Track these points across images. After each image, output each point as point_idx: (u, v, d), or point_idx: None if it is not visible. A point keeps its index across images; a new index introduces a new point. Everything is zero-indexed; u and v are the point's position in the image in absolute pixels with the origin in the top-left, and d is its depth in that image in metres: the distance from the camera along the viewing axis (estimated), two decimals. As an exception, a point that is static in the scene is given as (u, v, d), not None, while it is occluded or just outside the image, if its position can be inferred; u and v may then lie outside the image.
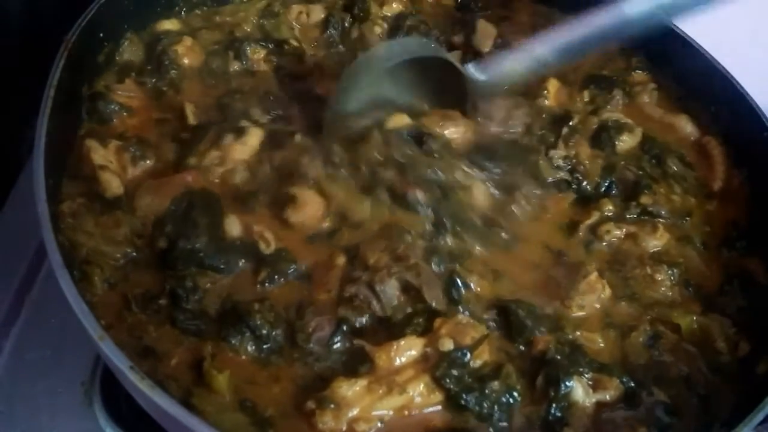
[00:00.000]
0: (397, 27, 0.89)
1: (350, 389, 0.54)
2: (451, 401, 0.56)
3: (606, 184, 0.75)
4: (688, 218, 0.75)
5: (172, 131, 0.73)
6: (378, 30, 0.89)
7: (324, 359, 0.58)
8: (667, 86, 0.88)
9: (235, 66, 0.81)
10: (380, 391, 0.55)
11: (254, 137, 0.71)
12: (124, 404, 0.70)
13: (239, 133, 0.70)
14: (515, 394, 0.57)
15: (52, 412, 0.70)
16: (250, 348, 0.58)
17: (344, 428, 0.53)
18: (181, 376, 0.56)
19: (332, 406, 0.53)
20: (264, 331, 0.58)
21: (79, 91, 0.72)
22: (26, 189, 0.59)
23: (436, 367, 0.56)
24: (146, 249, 0.63)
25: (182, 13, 0.86)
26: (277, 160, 0.69)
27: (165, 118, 0.74)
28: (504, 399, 0.56)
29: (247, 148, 0.70)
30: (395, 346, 0.57)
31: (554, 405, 0.57)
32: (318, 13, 0.90)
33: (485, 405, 0.56)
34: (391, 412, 0.55)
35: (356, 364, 0.57)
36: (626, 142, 0.79)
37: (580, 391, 0.57)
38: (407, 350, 0.57)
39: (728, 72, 0.81)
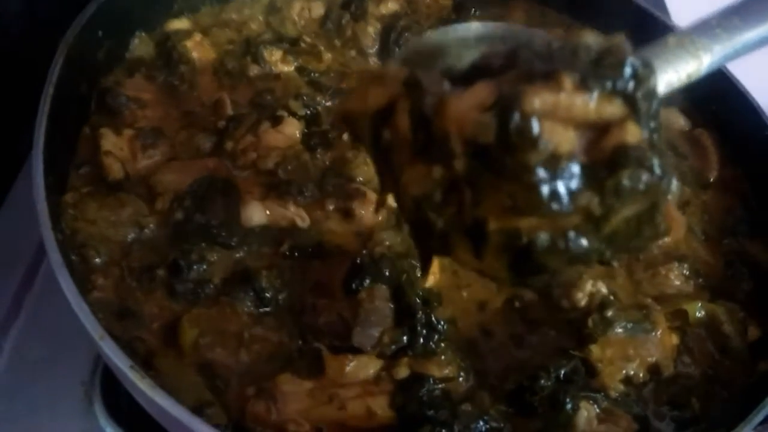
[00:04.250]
0: (391, 27, 0.89)
1: (292, 388, 0.54)
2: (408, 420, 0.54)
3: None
4: (686, 207, 0.76)
5: (202, 122, 0.74)
6: (371, 30, 0.89)
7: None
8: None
9: (255, 70, 0.81)
10: (320, 400, 0.54)
11: (291, 126, 0.72)
12: (125, 404, 0.69)
13: (276, 121, 0.72)
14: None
15: (52, 412, 0.70)
16: (249, 305, 0.59)
17: (272, 421, 0.53)
18: (149, 338, 0.57)
19: (270, 399, 0.53)
20: (268, 294, 0.60)
21: (78, 89, 0.72)
22: (26, 187, 0.59)
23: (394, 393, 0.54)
24: (153, 227, 0.64)
25: (183, 11, 0.85)
26: (326, 157, 0.71)
27: (192, 111, 0.75)
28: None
29: (282, 136, 0.71)
30: (350, 360, 0.56)
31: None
32: (318, 9, 0.90)
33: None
34: (324, 426, 0.54)
35: (310, 364, 0.57)
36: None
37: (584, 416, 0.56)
38: (362, 367, 0.56)
39: (728, 70, 0.81)
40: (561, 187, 0.37)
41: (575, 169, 0.38)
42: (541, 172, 0.37)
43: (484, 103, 0.38)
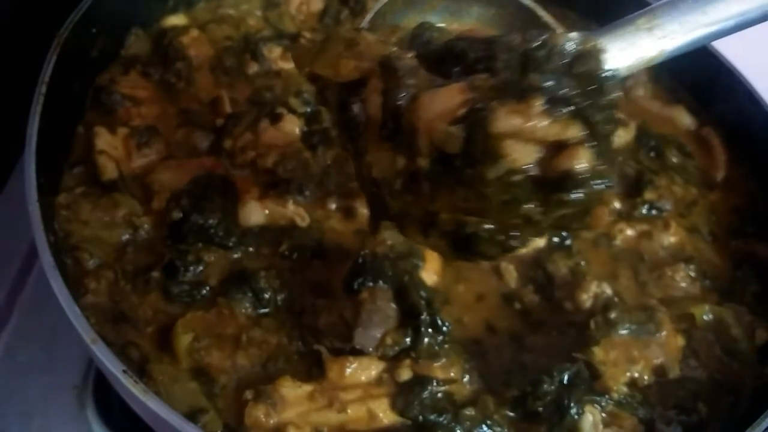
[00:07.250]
0: (386, 24, 0.89)
1: (292, 391, 0.53)
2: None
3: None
4: (693, 208, 0.75)
5: (199, 120, 0.73)
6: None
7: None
8: (661, 78, 0.86)
9: (254, 67, 0.79)
10: (320, 403, 0.54)
11: (290, 124, 0.71)
12: (117, 408, 0.69)
13: (275, 118, 0.71)
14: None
15: (44, 416, 0.69)
16: (247, 306, 0.58)
17: (271, 425, 0.52)
18: (143, 343, 0.56)
19: (269, 402, 0.53)
20: (266, 295, 0.59)
21: (72, 87, 0.71)
22: (18, 188, 0.57)
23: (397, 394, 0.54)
24: (148, 227, 0.63)
25: (179, 6, 0.84)
26: (327, 156, 0.70)
27: (189, 108, 0.74)
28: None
29: (281, 134, 0.70)
30: (351, 362, 0.55)
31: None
32: (317, 4, 0.89)
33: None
34: (325, 429, 0.53)
35: (310, 367, 0.56)
36: (621, 137, 0.77)
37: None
38: (363, 369, 0.55)
39: (737, 69, 0.80)
40: (510, 197, 0.41)
41: (526, 181, 0.41)
42: (495, 184, 0.41)
43: (455, 112, 0.41)
